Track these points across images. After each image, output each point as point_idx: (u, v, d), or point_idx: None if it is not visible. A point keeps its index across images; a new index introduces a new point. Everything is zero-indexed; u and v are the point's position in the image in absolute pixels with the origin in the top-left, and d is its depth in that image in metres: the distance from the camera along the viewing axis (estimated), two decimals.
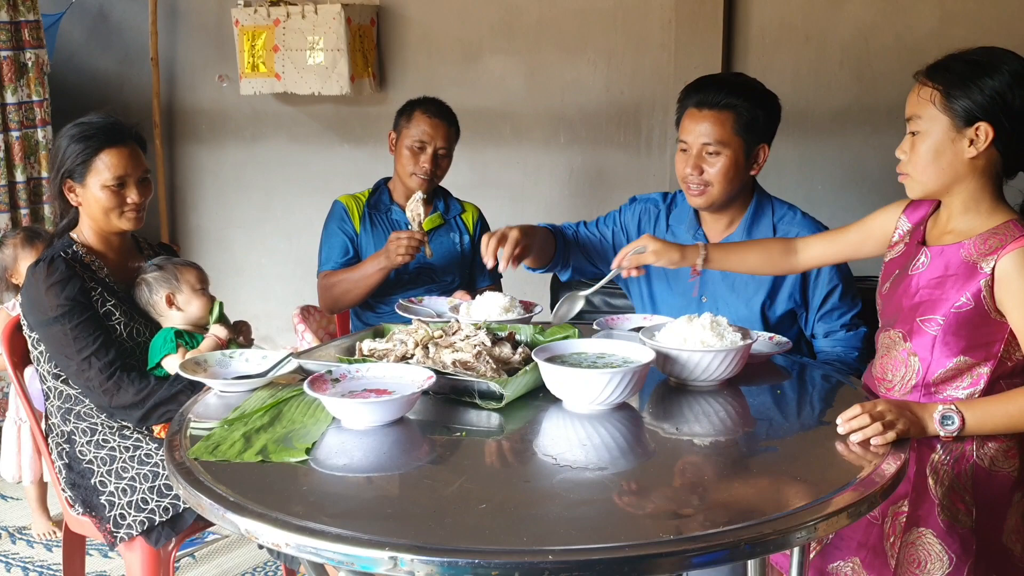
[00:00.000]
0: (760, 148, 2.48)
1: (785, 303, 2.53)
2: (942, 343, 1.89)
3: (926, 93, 1.85)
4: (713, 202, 2.49)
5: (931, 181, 1.88)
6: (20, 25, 4.24)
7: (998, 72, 1.80)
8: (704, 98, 2.45)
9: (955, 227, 1.91)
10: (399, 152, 3.18)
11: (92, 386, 2.34)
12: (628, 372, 1.81)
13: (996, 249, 1.81)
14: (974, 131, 1.81)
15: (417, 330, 2.20)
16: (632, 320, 2.48)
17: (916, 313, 1.91)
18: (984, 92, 1.79)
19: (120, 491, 2.34)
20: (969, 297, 1.84)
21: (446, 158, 3.20)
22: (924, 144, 1.86)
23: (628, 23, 4.19)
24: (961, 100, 1.80)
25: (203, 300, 2.46)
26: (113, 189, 2.39)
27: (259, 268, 5.13)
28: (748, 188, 2.56)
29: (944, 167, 1.85)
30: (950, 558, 1.87)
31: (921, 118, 1.86)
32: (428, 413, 1.90)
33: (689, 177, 2.47)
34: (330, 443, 1.72)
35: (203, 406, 1.97)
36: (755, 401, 2.00)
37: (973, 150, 1.82)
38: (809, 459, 1.68)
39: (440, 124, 3.15)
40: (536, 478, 1.59)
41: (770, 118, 2.49)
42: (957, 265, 1.86)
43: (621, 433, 1.77)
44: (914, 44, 3.75)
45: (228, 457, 1.67)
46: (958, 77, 1.82)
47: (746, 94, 2.47)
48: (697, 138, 2.45)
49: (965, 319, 1.85)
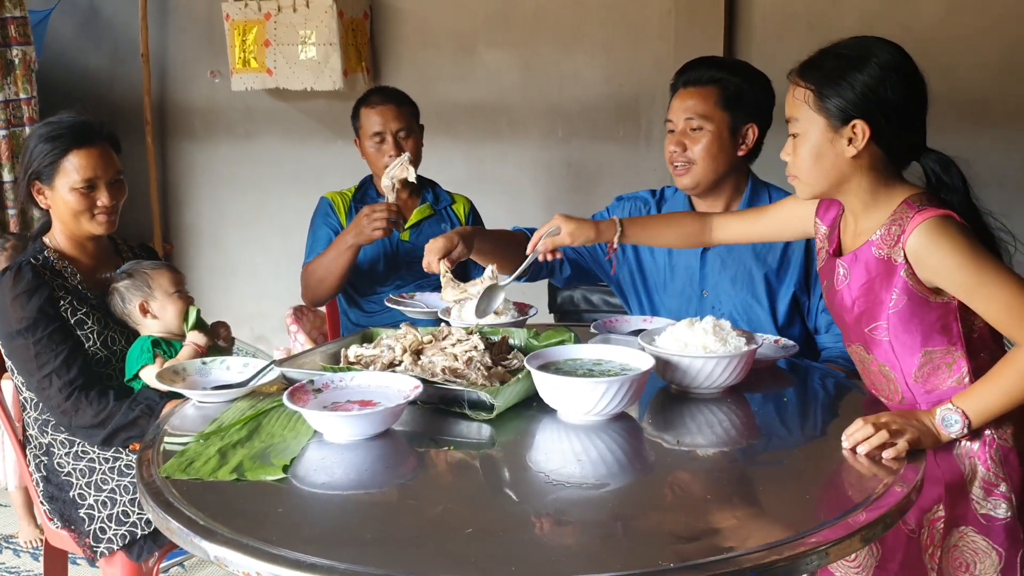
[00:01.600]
0: (748, 127, 2.40)
1: (790, 287, 2.43)
2: (899, 344, 1.80)
3: (800, 94, 1.78)
4: (699, 182, 2.41)
5: (818, 183, 1.82)
6: (6, 22, 4.16)
7: (867, 66, 1.72)
8: (690, 77, 2.42)
9: (862, 227, 1.83)
10: (365, 153, 3.11)
11: (52, 405, 2.25)
12: (626, 381, 1.71)
13: (899, 236, 1.74)
14: (851, 129, 1.74)
15: (405, 335, 2.11)
16: (632, 322, 2.39)
17: (861, 325, 1.84)
18: (855, 88, 1.71)
19: (100, 504, 2.25)
20: (899, 292, 1.76)
21: (409, 138, 3.08)
22: (804, 147, 1.79)
23: (626, 14, 4.09)
24: (833, 99, 1.73)
25: (179, 304, 2.35)
26: (82, 192, 2.29)
27: (254, 266, 5.04)
28: (742, 173, 2.47)
29: (828, 168, 1.78)
30: (999, 553, 1.77)
31: (799, 120, 1.79)
32: (415, 424, 1.80)
33: (674, 155, 2.41)
34: (310, 458, 1.63)
35: (180, 417, 1.88)
36: (760, 410, 1.90)
37: (852, 149, 1.75)
38: (818, 475, 1.59)
39: (387, 108, 3.06)
40: (528, 498, 1.49)
41: (758, 96, 2.41)
42: (875, 265, 1.79)
43: (619, 446, 1.68)
44: (921, 33, 3.64)
45: (201, 475, 1.57)
46: (828, 75, 1.74)
47: (731, 68, 2.43)
48: (681, 115, 2.40)
49: (906, 314, 1.77)
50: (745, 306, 2.45)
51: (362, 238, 2.81)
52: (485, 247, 2.42)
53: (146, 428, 2.16)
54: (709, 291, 2.48)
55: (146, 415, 2.18)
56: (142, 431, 2.17)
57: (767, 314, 2.44)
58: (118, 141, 2.39)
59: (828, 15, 3.79)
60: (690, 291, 2.50)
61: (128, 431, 2.21)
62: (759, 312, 2.44)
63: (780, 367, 2.14)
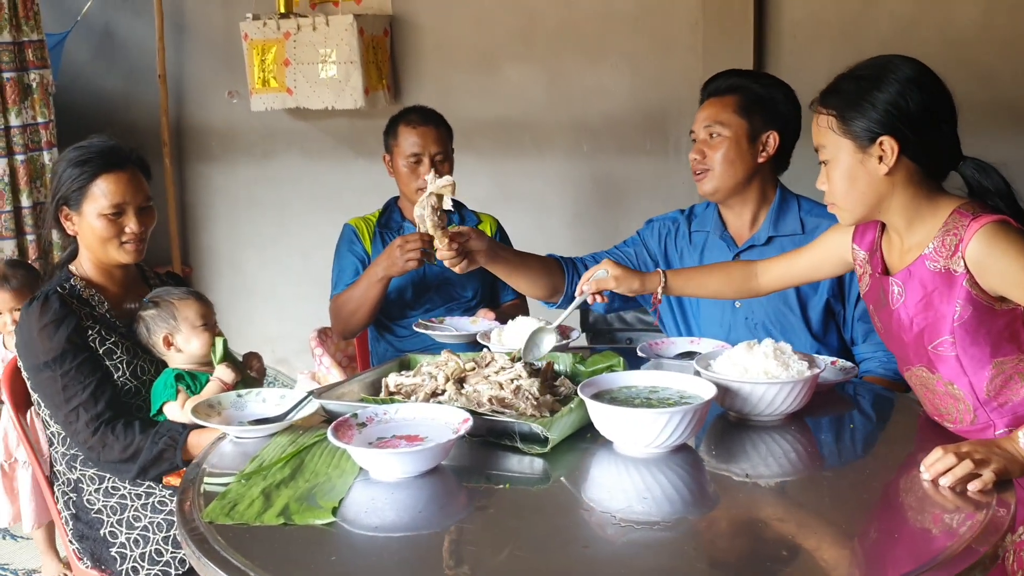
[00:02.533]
0: (769, 134, 2.38)
1: (823, 294, 2.38)
2: (967, 358, 1.75)
3: (823, 121, 1.78)
4: (717, 187, 2.40)
5: (856, 207, 1.80)
6: (24, 45, 4.11)
7: (885, 82, 1.72)
8: (712, 88, 2.46)
9: (909, 243, 1.81)
10: (397, 172, 3.02)
11: (79, 440, 2.17)
12: (689, 411, 1.63)
13: (957, 246, 1.71)
14: (878, 147, 1.73)
15: (447, 362, 2.03)
16: (678, 344, 2.31)
17: (924, 342, 1.79)
18: (876, 106, 1.72)
19: (132, 542, 2.16)
20: (962, 303, 1.72)
21: (445, 162, 3.01)
22: (836, 172, 1.79)
23: (652, 25, 4.01)
24: (857, 120, 1.73)
25: (205, 337, 2.26)
26: (110, 218, 2.22)
27: (274, 288, 4.98)
28: (769, 182, 2.45)
29: (864, 190, 1.77)
30: None
31: (826, 147, 1.80)
32: (464, 458, 1.72)
33: (695, 162, 2.43)
34: (358, 499, 1.55)
35: (218, 455, 1.80)
36: (826, 437, 1.81)
37: (884, 166, 1.74)
38: (903, 510, 1.49)
39: (427, 130, 2.98)
40: (596, 542, 1.40)
41: (779, 103, 2.40)
42: (932, 279, 1.75)
43: (683, 481, 1.59)
44: (957, 37, 3.55)
45: (246, 520, 1.49)
46: (849, 97, 1.75)
47: (752, 76, 2.46)
48: (701, 124, 2.43)
49: (972, 325, 1.72)
50: (779, 315, 2.39)
51: (394, 270, 2.72)
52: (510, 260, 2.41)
53: (174, 460, 2.11)
54: (742, 302, 2.42)
55: (171, 447, 2.10)
56: (171, 464, 2.11)
57: (800, 322, 2.39)
58: (148, 167, 2.32)
59: (860, 21, 3.70)
60: (723, 303, 2.44)
61: (157, 466, 2.13)
62: (793, 321, 2.39)
63: (836, 390, 2.04)
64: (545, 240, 4.21)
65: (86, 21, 4.76)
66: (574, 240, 4.26)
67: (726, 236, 2.47)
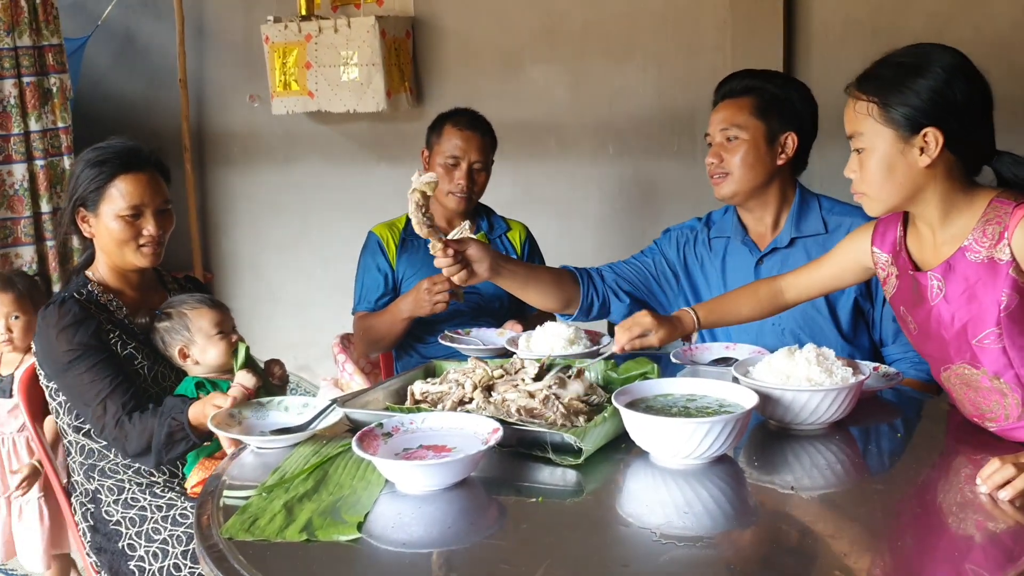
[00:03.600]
0: (787, 135, 2.34)
1: (851, 293, 2.31)
2: (1015, 349, 1.69)
3: (862, 107, 1.71)
4: (736, 191, 2.35)
5: (891, 197, 1.74)
6: (44, 50, 4.08)
7: (930, 71, 1.67)
8: (726, 89, 2.41)
9: (944, 236, 1.75)
10: (432, 169, 2.94)
11: (107, 436, 2.11)
12: (730, 420, 1.55)
13: (1001, 234, 1.66)
14: (922, 138, 1.68)
15: (474, 369, 1.96)
16: (713, 350, 2.23)
17: (967, 337, 1.72)
18: (921, 95, 1.66)
19: (151, 556, 2.10)
20: (1008, 291, 1.66)
21: (483, 172, 2.95)
22: (872, 161, 1.72)
23: (680, 25, 3.93)
24: (900, 108, 1.67)
25: (222, 345, 2.20)
26: (127, 219, 2.17)
27: (295, 294, 4.93)
28: (788, 183, 2.40)
29: (901, 181, 1.71)
30: None
31: (863, 134, 1.72)
32: (493, 469, 1.65)
33: (712, 166, 2.38)
34: (384, 513, 1.48)
35: (238, 467, 1.74)
36: (873, 447, 1.73)
37: (926, 158, 1.68)
38: (962, 524, 1.40)
39: (473, 136, 2.91)
40: (637, 560, 1.32)
41: (796, 104, 2.36)
42: (974, 270, 1.69)
43: (724, 494, 1.51)
44: (995, 36, 3.45)
45: (268, 535, 1.42)
46: (891, 84, 1.68)
47: (766, 76, 2.41)
48: (717, 127, 2.38)
49: (1020, 313, 1.67)
50: (806, 317, 2.33)
51: (421, 312, 2.68)
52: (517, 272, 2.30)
53: (188, 438, 2.03)
54: None
55: (179, 428, 2.02)
56: (186, 442, 2.04)
57: (830, 324, 2.33)
58: (167, 170, 2.27)
59: (893, 20, 3.61)
60: None
61: (171, 448, 2.05)
62: (821, 322, 2.33)
63: (879, 396, 1.96)
64: (570, 244, 4.14)
65: (106, 26, 4.74)
66: (599, 244, 4.19)
67: (748, 241, 2.41)
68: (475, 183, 2.93)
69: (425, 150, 3.01)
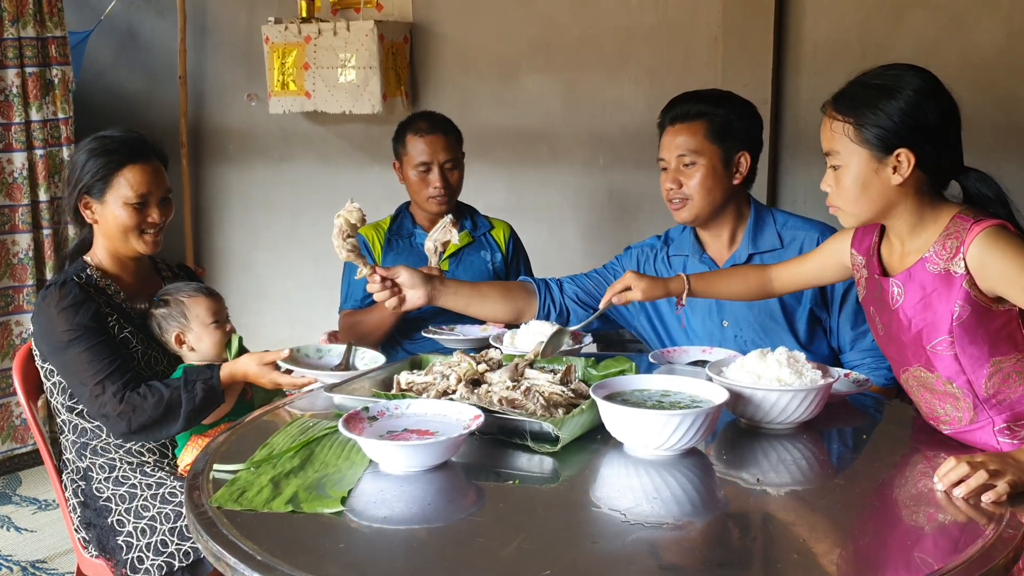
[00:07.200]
0: (740, 155, 2.40)
1: (806, 304, 2.39)
2: (966, 357, 1.77)
3: (838, 127, 1.78)
4: (697, 215, 2.41)
5: (864, 212, 1.82)
6: (47, 41, 4.13)
7: (902, 93, 1.74)
8: (676, 113, 2.44)
9: (910, 246, 1.83)
10: (407, 180, 3.03)
11: (108, 414, 2.16)
12: (700, 414, 1.62)
13: (957, 248, 1.74)
14: (895, 158, 1.75)
15: (459, 363, 2.03)
16: (690, 352, 2.30)
17: (922, 342, 1.80)
18: (894, 118, 1.73)
19: (139, 532, 2.16)
20: (961, 303, 1.74)
21: (455, 170, 3.02)
22: (847, 177, 1.79)
23: (672, 40, 4.01)
24: (874, 129, 1.74)
25: (216, 334, 2.28)
26: (135, 207, 2.24)
27: (285, 292, 4.98)
28: (743, 200, 2.46)
29: (874, 197, 1.79)
30: None
31: (839, 152, 1.80)
32: (474, 455, 1.72)
33: (670, 192, 2.42)
34: (367, 490, 1.55)
35: (227, 444, 1.80)
36: (838, 447, 1.80)
37: (899, 177, 1.76)
38: (916, 518, 1.47)
39: (436, 138, 2.98)
40: (605, 538, 1.39)
41: (746, 124, 2.42)
42: (931, 281, 1.77)
43: (693, 484, 1.58)
44: (980, 61, 3.54)
45: (255, 506, 1.49)
46: (866, 105, 1.75)
47: (716, 100, 2.44)
48: (672, 152, 2.41)
49: (971, 324, 1.74)
50: (764, 327, 2.40)
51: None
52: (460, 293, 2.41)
53: (218, 397, 2.18)
54: (729, 320, 2.43)
55: (212, 387, 2.17)
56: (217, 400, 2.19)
57: (788, 334, 2.40)
58: (167, 159, 2.35)
59: (882, 43, 3.69)
60: (711, 324, 2.45)
61: (205, 410, 2.19)
62: (779, 332, 2.40)
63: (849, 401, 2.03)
64: (558, 251, 4.21)
65: (109, 21, 4.79)
66: (586, 252, 4.26)
67: (706, 258, 2.47)
68: (450, 182, 3.00)
69: (396, 162, 3.07)
